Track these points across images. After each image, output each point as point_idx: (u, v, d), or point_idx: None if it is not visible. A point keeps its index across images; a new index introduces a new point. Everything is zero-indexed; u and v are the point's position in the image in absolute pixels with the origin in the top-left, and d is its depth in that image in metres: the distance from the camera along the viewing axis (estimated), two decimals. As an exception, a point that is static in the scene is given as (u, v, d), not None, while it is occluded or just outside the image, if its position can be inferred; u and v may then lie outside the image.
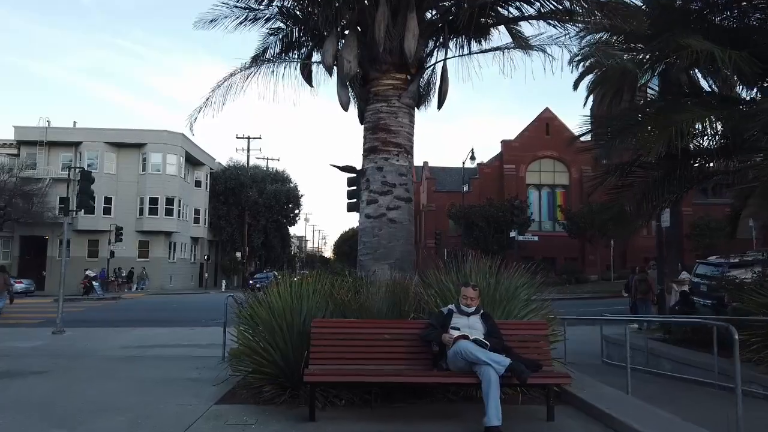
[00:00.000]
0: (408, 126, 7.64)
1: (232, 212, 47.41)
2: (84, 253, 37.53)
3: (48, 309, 18.00)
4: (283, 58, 8.42)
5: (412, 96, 7.70)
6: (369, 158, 7.59)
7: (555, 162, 45.72)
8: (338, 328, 5.07)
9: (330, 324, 5.11)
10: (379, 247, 7.31)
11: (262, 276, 42.60)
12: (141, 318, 17.31)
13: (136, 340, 11.41)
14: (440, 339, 4.71)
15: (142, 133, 39.43)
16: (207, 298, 30.68)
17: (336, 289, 5.71)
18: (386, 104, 7.53)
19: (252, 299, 5.90)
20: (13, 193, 33.33)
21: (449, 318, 4.90)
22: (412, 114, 7.73)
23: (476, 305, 4.97)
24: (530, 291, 6.15)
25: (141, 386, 6.21)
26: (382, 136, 7.50)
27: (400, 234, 7.37)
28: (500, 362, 4.35)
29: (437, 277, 6.18)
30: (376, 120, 7.56)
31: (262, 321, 5.42)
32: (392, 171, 7.45)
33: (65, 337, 12.35)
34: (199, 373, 7.02)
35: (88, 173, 14.85)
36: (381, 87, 7.56)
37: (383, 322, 5.24)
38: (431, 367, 4.81)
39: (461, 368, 4.57)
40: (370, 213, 7.45)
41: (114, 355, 9.12)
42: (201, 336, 11.94)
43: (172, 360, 8.41)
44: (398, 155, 7.50)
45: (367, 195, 7.53)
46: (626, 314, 14.40)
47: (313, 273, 5.98)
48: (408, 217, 7.53)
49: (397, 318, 5.56)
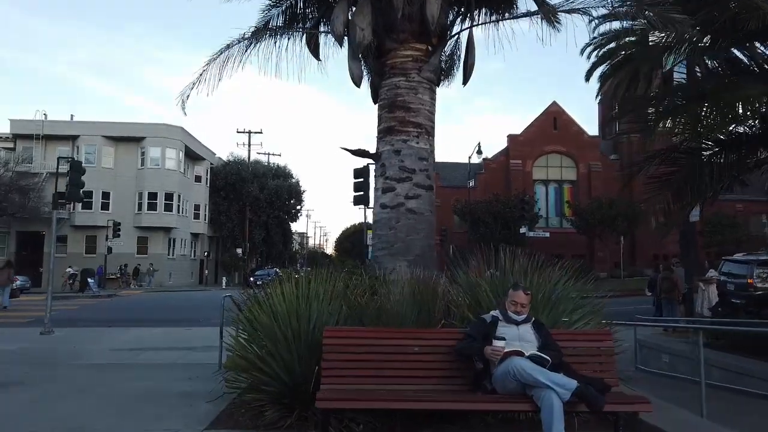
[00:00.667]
0: (429, 103, 6.72)
1: (232, 208, 46.49)
2: (81, 249, 36.72)
3: (41, 307, 17.17)
4: (287, 30, 7.48)
5: (434, 69, 6.77)
6: (385, 140, 6.68)
7: (562, 157, 44.78)
8: (356, 338, 4.17)
9: (346, 333, 4.20)
10: (396, 241, 6.41)
11: (263, 273, 41.80)
12: (136, 317, 16.45)
13: (127, 342, 10.53)
14: (482, 353, 3.81)
15: (140, 126, 38.57)
16: (206, 295, 29.80)
17: (351, 290, 4.80)
18: (404, 78, 6.61)
19: (251, 300, 4.98)
20: (9, 187, 32.46)
21: (493, 327, 3.99)
22: (433, 90, 6.81)
23: (527, 312, 4.07)
24: (575, 291, 5.23)
25: (123, 404, 5.31)
26: (399, 114, 6.58)
27: (420, 226, 6.47)
28: (565, 385, 3.44)
29: (468, 276, 5.27)
30: (392, 97, 6.64)
31: (263, 327, 4.51)
32: (411, 155, 6.53)
33: (53, 339, 11.49)
34: (191, 385, 6.13)
35: (79, 163, 13.95)
36: (399, 59, 6.64)
37: (410, 332, 4.32)
38: (471, 388, 3.91)
39: (511, 390, 3.67)
40: (387, 203, 6.54)
41: (100, 362, 8.23)
42: (198, 337, 11.10)
43: (163, 368, 7.52)
44: (418, 137, 6.58)
45: (383, 182, 6.62)
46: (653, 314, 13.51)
47: (320, 270, 5.06)
48: (429, 208, 6.62)
49: (426, 325, 4.66)
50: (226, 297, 7.11)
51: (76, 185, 13.37)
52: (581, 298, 5.05)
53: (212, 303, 22.15)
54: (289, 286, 4.82)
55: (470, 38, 6.94)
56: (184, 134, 40.05)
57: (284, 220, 51.29)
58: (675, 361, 8.70)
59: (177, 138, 38.93)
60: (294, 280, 5.00)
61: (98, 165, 36.60)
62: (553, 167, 44.96)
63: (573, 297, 5.10)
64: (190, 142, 40.92)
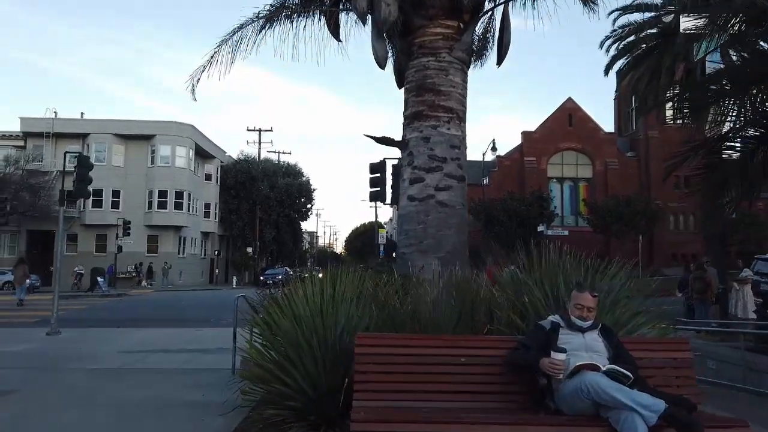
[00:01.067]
0: (460, 86, 6.13)
1: (243, 206, 46.10)
2: (92, 248, 36.50)
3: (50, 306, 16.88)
4: (305, 9, 6.91)
5: (466, 48, 6.18)
6: (412, 127, 6.10)
7: (578, 154, 43.87)
8: (392, 346, 3.59)
9: (380, 341, 3.62)
10: (425, 237, 5.83)
11: (274, 272, 41.35)
12: (145, 317, 15.99)
13: (136, 344, 10.05)
14: (540, 365, 3.22)
15: (150, 124, 38.28)
16: (217, 295, 29.42)
17: (382, 291, 4.22)
18: (434, 59, 6.02)
19: (269, 302, 4.43)
20: (20, 186, 32.27)
21: (554, 335, 3.40)
22: (465, 71, 6.22)
23: (594, 317, 3.47)
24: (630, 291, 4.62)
25: (127, 416, 4.78)
26: (428, 98, 6.00)
27: (452, 220, 5.89)
28: (651, 407, 2.84)
29: (511, 273, 4.68)
30: (420, 79, 6.06)
31: (284, 334, 3.95)
32: (442, 142, 5.95)
33: (59, 339, 11.05)
34: (203, 394, 5.60)
35: (86, 158, 13.51)
36: (428, 37, 6.06)
37: (455, 339, 3.74)
38: (531, 407, 3.32)
39: (581, 411, 3.08)
40: (415, 194, 5.97)
41: (106, 365, 7.72)
42: (209, 338, 10.60)
43: (172, 373, 7.00)
44: (449, 122, 6.00)
45: (411, 172, 6.04)
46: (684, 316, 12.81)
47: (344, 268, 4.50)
48: (461, 200, 6.04)
49: (467, 331, 4.08)
50: (239, 297, 6.59)
51: (83, 181, 12.92)
52: (643, 299, 4.44)
53: (223, 303, 21.74)
54: (311, 286, 4.26)
55: (505, 14, 6.34)
56: (195, 132, 39.72)
57: (294, 219, 50.85)
58: (720, 366, 8.03)
59: (187, 136, 38.60)
60: (317, 280, 4.45)
61: (108, 163, 36.35)
62: (568, 164, 44.07)
63: (628, 297, 4.50)
64: (200, 140, 40.59)
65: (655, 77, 23.64)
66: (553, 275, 4.51)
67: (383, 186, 13.53)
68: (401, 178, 6.25)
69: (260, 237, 45.82)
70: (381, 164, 13.66)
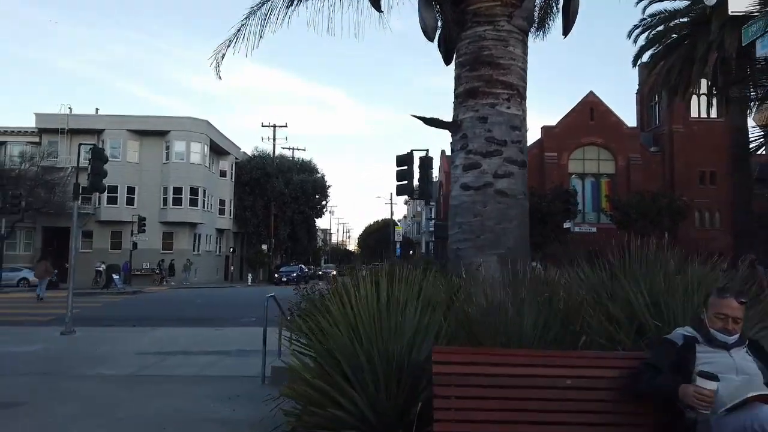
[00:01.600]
0: (521, 59, 5.39)
1: (257, 203, 45.61)
2: (107, 244, 36.25)
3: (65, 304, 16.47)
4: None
5: (527, 16, 5.45)
6: (466, 105, 5.37)
7: (600, 149, 42.70)
8: (476, 364, 2.87)
9: (462, 357, 2.91)
10: (483, 231, 5.12)
11: (289, 269, 40.82)
12: (162, 315, 15.45)
13: (153, 344, 9.47)
14: (680, 394, 2.49)
15: (165, 120, 37.92)
16: (233, 292, 28.94)
17: (454, 294, 3.50)
18: (491, 27, 5.29)
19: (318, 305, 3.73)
20: (35, 182, 32.04)
21: (689, 353, 2.66)
22: (525, 42, 5.48)
23: (740, 330, 2.73)
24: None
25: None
26: (485, 72, 5.26)
27: (513, 212, 5.17)
28: None
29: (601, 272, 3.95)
30: (476, 50, 5.33)
31: (338, 347, 3.25)
32: (501, 123, 5.22)
33: (73, 339, 10.54)
34: (234, 409, 4.94)
35: (101, 151, 12.95)
36: (484, 3, 5.32)
37: (556, 355, 2.99)
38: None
39: (742, 454, 2.35)
40: (470, 183, 5.25)
41: (123, 370, 7.11)
42: (230, 339, 10.02)
43: (195, 381, 6.36)
44: (509, 100, 5.26)
45: (464, 158, 5.32)
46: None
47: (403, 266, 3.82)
48: (523, 189, 5.32)
49: (557, 344, 3.35)
50: (270, 297, 5.93)
51: (98, 174, 12.38)
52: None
53: (240, 300, 21.22)
54: (365, 286, 3.56)
55: (573, -23, 5.60)
56: (209, 128, 39.29)
57: (309, 216, 50.29)
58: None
59: (202, 132, 38.17)
60: (368, 279, 3.75)
61: (123, 159, 36.05)
62: (589, 160, 42.89)
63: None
64: (215, 135, 40.15)
65: (686, 66, 22.67)
66: (651, 276, 3.78)
67: (411, 179, 12.83)
68: (454, 164, 5.52)
69: (275, 234, 45.33)
70: (408, 156, 12.96)
